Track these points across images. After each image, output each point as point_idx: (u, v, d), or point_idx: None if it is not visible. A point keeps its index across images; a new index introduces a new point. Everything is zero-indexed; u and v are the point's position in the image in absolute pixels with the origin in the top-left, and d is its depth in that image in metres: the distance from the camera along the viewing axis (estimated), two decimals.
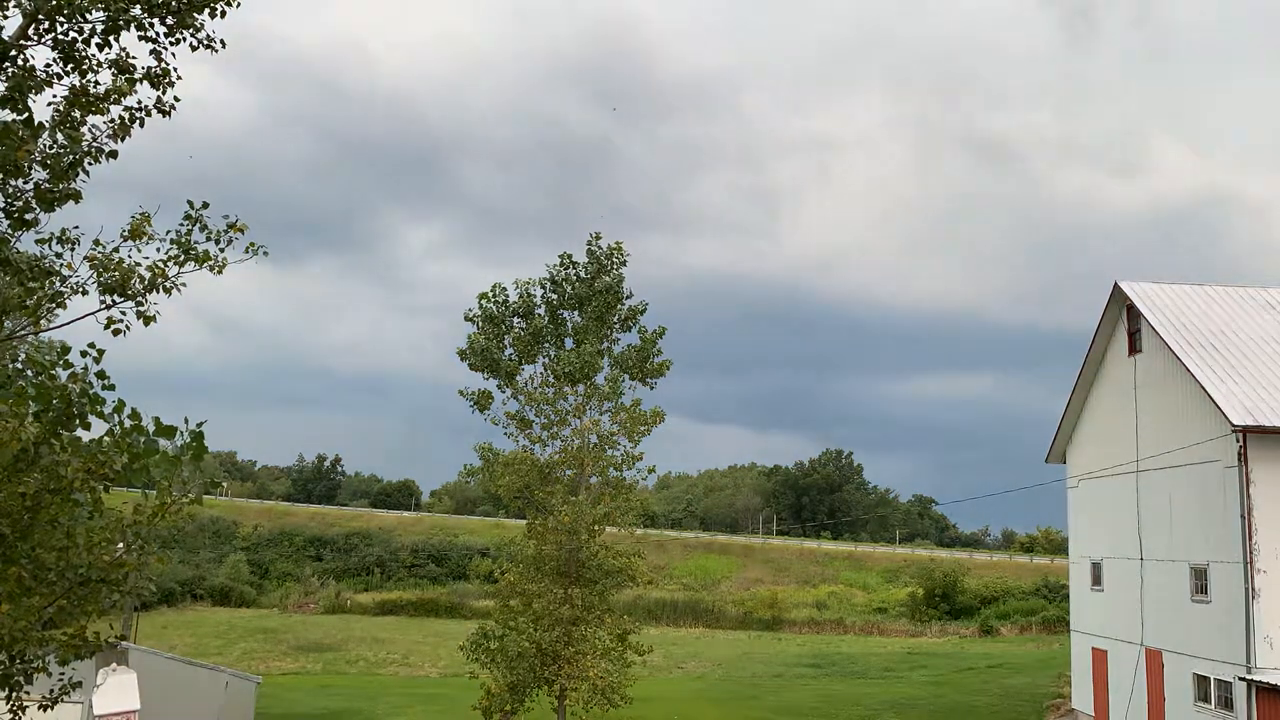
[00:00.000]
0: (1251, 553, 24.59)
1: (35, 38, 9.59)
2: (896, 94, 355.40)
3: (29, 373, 9.63)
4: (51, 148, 9.82)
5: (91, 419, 8.54)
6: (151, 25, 10.16)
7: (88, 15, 9.64)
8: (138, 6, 9.95)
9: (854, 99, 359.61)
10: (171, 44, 10.40)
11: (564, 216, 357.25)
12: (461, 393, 30.79)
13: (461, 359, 30.51)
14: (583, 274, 30.29)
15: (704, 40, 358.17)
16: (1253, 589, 24.41)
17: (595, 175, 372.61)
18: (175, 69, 10.50)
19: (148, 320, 10.15)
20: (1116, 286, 31.94)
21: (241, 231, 10.46)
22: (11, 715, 10.15)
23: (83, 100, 10.00)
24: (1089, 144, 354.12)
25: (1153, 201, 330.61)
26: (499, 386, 30.59)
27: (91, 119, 10.15)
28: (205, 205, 10.36)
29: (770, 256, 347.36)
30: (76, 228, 10.22)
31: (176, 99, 10.66)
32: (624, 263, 30.32)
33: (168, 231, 10.23)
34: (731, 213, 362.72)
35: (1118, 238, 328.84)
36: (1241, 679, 24.49)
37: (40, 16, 9.45)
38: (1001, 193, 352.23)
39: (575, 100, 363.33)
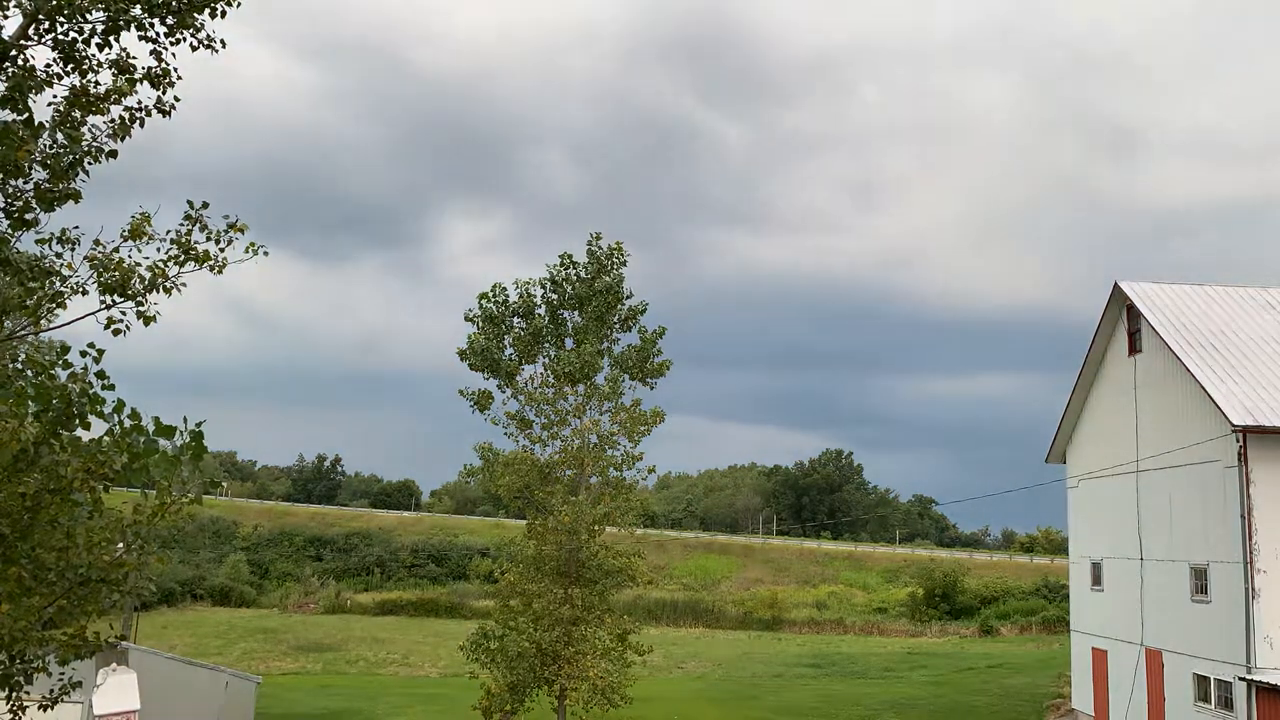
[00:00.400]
0: (1251, 553, 24.59)
1: (35, 38, 9.59)
2: (1014, 79, 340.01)
3: (29, 373, 9.62)
4: (51, 148, 9.83)
5: (91, 419, 8.53)
6: (151, 25, 10.16)
7: (88, 15, 9.65)
8: (138, 6, 9.96)
9: (971, 84, 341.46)
10: (171, 44, 10.40)
11: (633, 212, 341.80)
12: (461, 392, 30.81)
13: (461, 359, 30.52)
14: (583, 274, 30.28)
15: (811, 19, 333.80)
16: (1253, 589, 24.41)
17: (676, 166, 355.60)
18: (175, 69, 10.51)
19: (148, 320, 10.15)
20: (1116, 286, 31.94)
21: (241, 231, 10.46)
22: (11, 715, 10.15)
23: (83, 100, 10.00)
24: (1215, 138, 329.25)
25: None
26: (499, 386, 30.60)
27: (91, 119, 10.15)
28: (205, 205, 10.38)
29: (846, 253, 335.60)
30: (76, 228, 10.23)
31: (176, 99, 10.66)
32: (624, 263, 30.31)
33: (168, 231, 10.24)
34: (818, 205, 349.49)
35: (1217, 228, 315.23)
36: (1241, 679, 24.49)
37: (40, 16, 9.45)
38: (1112, 184, 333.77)
39: (663, 83, 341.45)
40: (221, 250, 10.37)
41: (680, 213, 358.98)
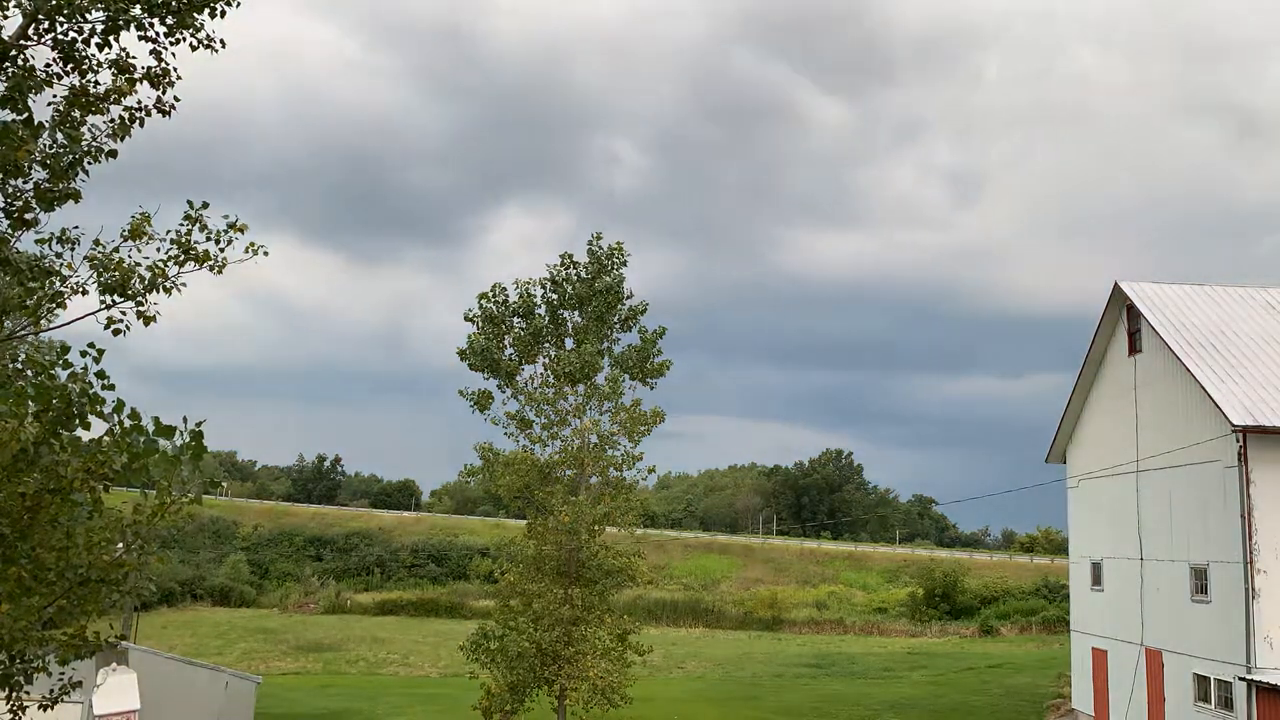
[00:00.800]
0: (1251, 553, 24.58)
1: (35, 38, 9.59)
2: (1144, 62, 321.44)
3: (29, 373, 9.63)
4: (51, 148, 9.83)
5: (91, 419, 8.53)
6: (151, 25, 10.16)
7: (88, 15, 9.65)
8: (138, 6, 9.96)
9: (1098, 65, 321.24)
10: (171, 44, 10.40)
11: (703, 203, 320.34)
12: (461, 393, 30.79)
13: (461, 359, 30.50)
14: (583, 274, 30.27)
15: None
16: (1253, 589, 24.40)
17: (759, 151, 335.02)
18: (175, 69, 10.51)
19: (148, 320, 10.16)
20: (1116, 286, 31.94)
21: (241, 231, 10.46)
22: (11, 715, 10.15)
23: (83, 100, 10.00)
24: None
25: None
26: (499, 386, 30.58)
27: (91, 119, 10.15)
28: (205, 205, 10.38)
29: (924, 247, 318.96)
30: (76, 228, 10.24)
31: (176, 99, 10.67)
32: (624, 263, 30.30)
33: (168, 231, 10.24)
34: (908, 195, 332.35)
35: None
36: (1241, 679, 24.48)
37: (40, 16, 9.45)
38: (1240, 181, 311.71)
39: (756, 60, 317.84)
40: (221, 250, 10.37)
41: (755, 203, 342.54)
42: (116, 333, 9.98)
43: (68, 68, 9.92)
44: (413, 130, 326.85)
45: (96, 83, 10.10)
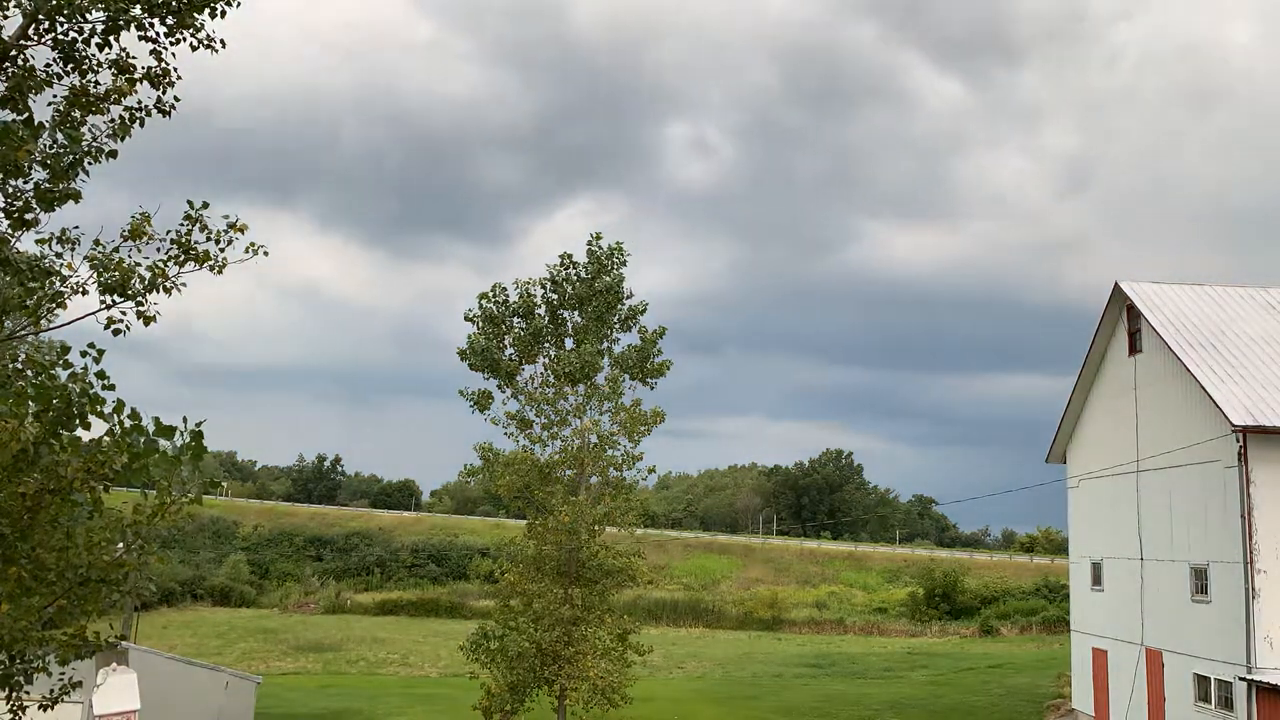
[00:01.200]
0: (1251, 553, 24.58)
1: (35, 38, 9.59)
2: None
3: (29, 373, 9.63)
4: (51, 148, 9.82)
5: (91, 419, 8.53)
6: (151, 25, 10.16)
7: (88, 15, 9.64)
8: (138, 6, 9.95)
9: (1244, 43, 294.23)
10: (171, 44, 10.39)
11: (775, 201, 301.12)
12: (461, 393, 30.79)
13: (461, 359, 30.49)
14: (583, 274, 30.27)
15: None
16: (1253, 589, 24.40)
17: (852, 134, 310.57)
18: (175, 69, 10.50)
19: (148, 320, 10.15)
20: (1116, 286, 31.94)
21: (241, 231, 10.45)
22: (11, 715, 10.15)
23: (83, 100, 10.00)
24: None
25: None
26: (499, 386, 30.58)
27: (91, 119, 10.15)
28: (205, 205, 10.37)
29: (1009, 241, 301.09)
30: (76, 228, 10.23)
31: (176, 99, 10.66)
32: (624, 263, 30.29)
33: (168, 231, 10.23)
34: (1005, 184, 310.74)
35: None
36: (1242, 679, 24.48)
37: (40, 16, 9.45)
38: None
39: (862, 33, 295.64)
40: (221, 250, 10.36)
41: (837, 194, 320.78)
42: (116, 333, 9.98)
43: (68, 68, 9.92)
44: (481, 118, 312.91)
45: (96, 83, 10.10)
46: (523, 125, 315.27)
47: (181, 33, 10.37)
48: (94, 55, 9.97)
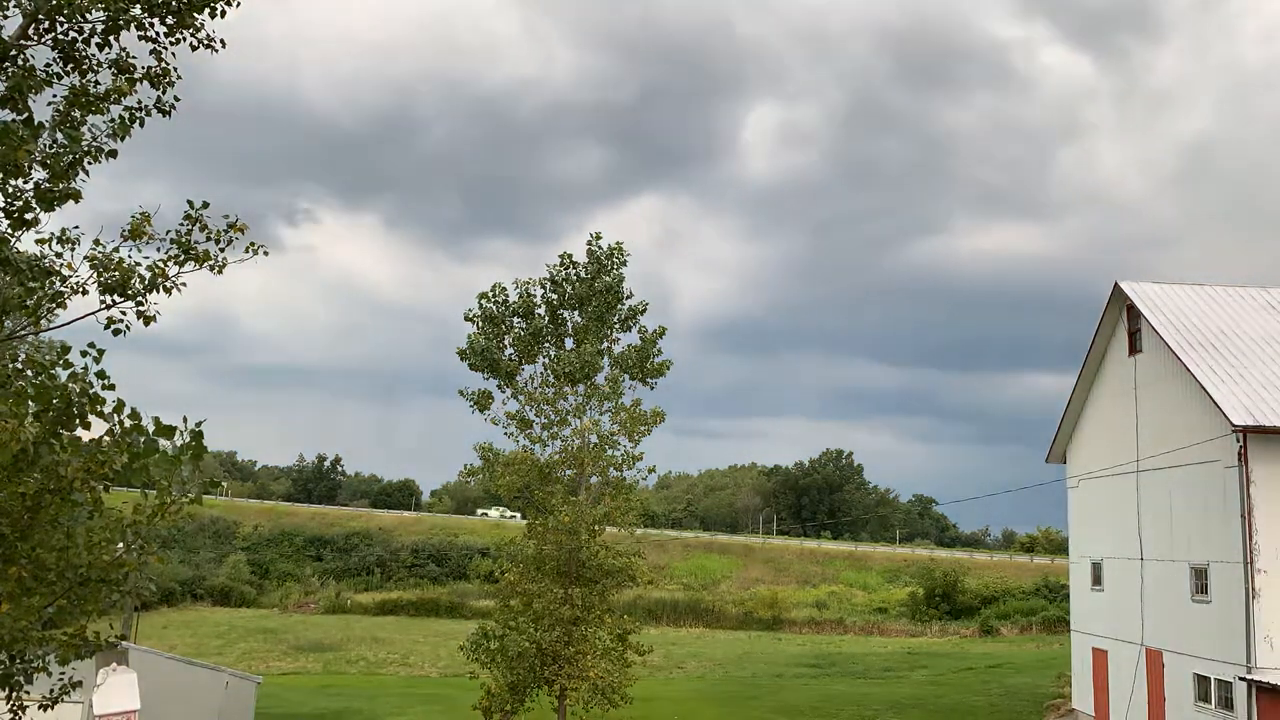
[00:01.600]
0: (1251, 553, 24.58)
1: (35, 38, 9.59)
2: None
3: (29, 373, 9.63)
4: (51, 148, 9.82)
5: (91, 419, 8.54)
6: (151, 25, 10.16)
7: (88, 15, 9.65)
8: (138, 6, 9.96)
9: None
10: (171, 44, 10.40)
11: (852, 198, 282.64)
12: (461, 392, 30.80)
13: (461, 359, 30.50)
14: (583, 274, 30.27)
15: None
16: (1253, 589, 24.40)
17: (951, 121, 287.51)
18: (175, 69, 10.50)
19: (148, 320, 10.15)
20: (1117, 286, 31.94)
21: (242, 231, 10.46)
22: (11, 715, 10.15)
23: (83, 100, 10.00)
24: None
25: None
26: (499, 386, 30.59)
27: (91, 119, 10.15)
28: (205, 205, 10.37)
29: (1103, 237, 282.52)
30: (77, 228, 10.23)
31: (176, 99, 10.66)
32: (624, 263, 30.29)
33: (168, 231, 10.24)
34: (1117, 176, 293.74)
35: None
36: (1242, 679, 24.48)
37: (40, 16, 9.45)
38: None
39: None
40: (221, 250, 10.37)
41: (927, 185, 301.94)
42: (117, 333, 9.99)
43: (68, 68, 9.92)
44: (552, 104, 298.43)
45: (96, 83, 10.10)
46: (599, 111, 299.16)
47: (181, 33, 10.38)
48: (94, 55, 9.97)
